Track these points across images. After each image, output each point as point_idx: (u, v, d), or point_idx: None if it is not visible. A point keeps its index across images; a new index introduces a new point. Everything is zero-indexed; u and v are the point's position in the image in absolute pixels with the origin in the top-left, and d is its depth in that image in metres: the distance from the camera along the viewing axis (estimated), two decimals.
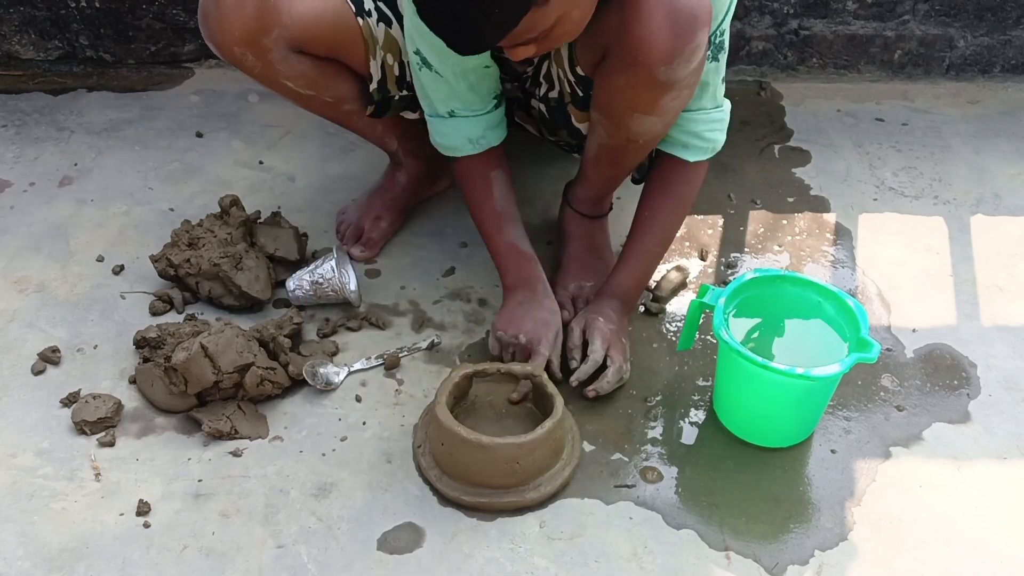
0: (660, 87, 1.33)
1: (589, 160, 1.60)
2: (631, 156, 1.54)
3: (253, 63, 1.51)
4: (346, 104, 1.65)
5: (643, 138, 1.46)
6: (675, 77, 1.31)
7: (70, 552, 1.31)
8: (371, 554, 1.32)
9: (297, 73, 1.55)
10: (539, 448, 1.35)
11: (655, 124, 1.42)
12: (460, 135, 1.56)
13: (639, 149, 1.51)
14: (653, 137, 1.47)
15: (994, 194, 1.94)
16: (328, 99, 1.62)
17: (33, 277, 1.73)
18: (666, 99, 1.36)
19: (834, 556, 1.32)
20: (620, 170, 1.60)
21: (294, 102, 1.64)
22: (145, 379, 1.50)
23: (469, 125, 1.55)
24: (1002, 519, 1.37)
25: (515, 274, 1.59)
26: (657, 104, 1.37)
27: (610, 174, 1.62)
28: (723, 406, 1.49)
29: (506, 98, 1.63)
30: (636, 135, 1.45)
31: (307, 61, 1.54)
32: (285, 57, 1.51)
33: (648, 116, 1.40)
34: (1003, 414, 1.51)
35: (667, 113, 1.40)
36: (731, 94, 1.58)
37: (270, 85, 1.58)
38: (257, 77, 1.55)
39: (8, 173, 1.98)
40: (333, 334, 1.63)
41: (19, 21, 2.21)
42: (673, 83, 1.32)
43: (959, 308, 1.69)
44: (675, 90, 1.34)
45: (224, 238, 1.65)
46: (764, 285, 1.46)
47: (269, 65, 1.51)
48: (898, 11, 2.17)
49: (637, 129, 1.43)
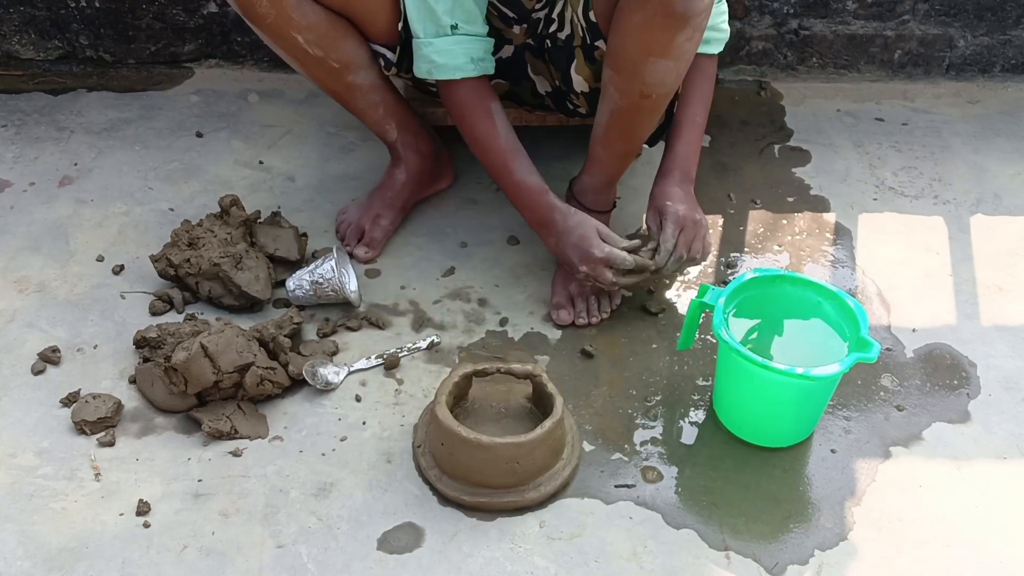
0: (676, 22, 1.34)
1: (598, 137, 1.60)
2: (644, 118, 1.54)
3: (267, 10, 1.52)
4: (350, 74, 1.65)
5: (657, 90, 1.46)
6: (692, 10, 1.32)
7: (70, 552, 1.31)
8: (371, 554, 1.32)
9: (308, 24, 1.55)
10: (539, 448, 1.35)
11: (669, 70, 1.43)
12: (465, 53, 1.56)
13: (652, 108, 1.51)
14: (666, 90, 1.48)
15: (994, 194, 1.94)
16: (334, 64, 1.63)
17: (33, 277, 1.73)
18: (680, 38, 1.36)
19: (834, 556, 1.32)
20: (632, 140, 1.60)
21: (300, 66, 1.64)
22: (145, 379, 1.50)
23: (473, 44, 1.56)
24: (1002, 519, 1.37)
25: (532, 213, 1.62)
26: (672, 44, 1.37)
27: (622, 147, 1.62)
28: (723, 406, 1.49)
29: (515, 47, 1.63)
30: (650, 86, 1.45)
31: (320, 12, 1.55)
32: (299, 4, 1.53)
33: (662, 59, 1.40)
34: (1003, 414, 1.51)
35: (680, 57, 1.41)
36: (731, 94, 1.59)
37: (279, 39, 1.58)
38: (268, 28, 1.56)
39: (8, 173, 1.98)
40: (333, 334, 1.63)
41: (19, 21, 2.21)
42: (689, 18, 1.33)
43: (959, 308, 1.69)
44: (689, 28, 1.35)
45: (224, 238, 1.65)
46: (764, 285, 1.46)
47: (283, 12, 1.52)
48: (898, 11, 2.17)
49: (651, 78, 1.43)
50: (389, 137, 1.79)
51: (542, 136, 1.90)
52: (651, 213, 1.60)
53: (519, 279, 1.74)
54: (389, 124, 1.77)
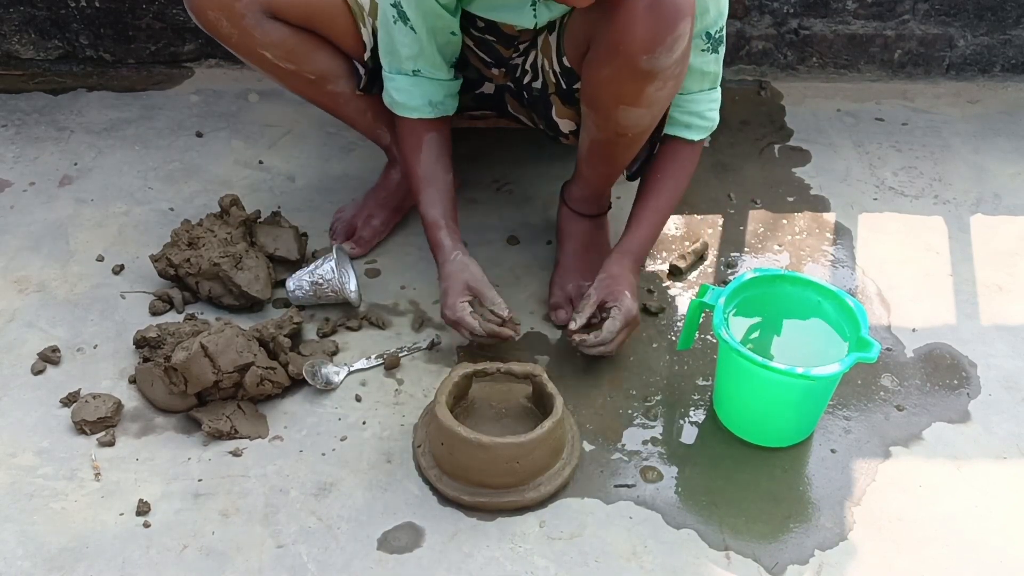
0: (643, 77, 1.33)
1: (583, 157, 1.61)
2: (623, 150, 1.54)
3: (229, 30, 1.52)
4: (329, 84, 1.65)
5: (632, 131, 1.46)
6: (658, 67, 1.32)
7: (70, 552, 1.31)
8: (371, 553, 1.32)
9: (272, 41, 1.55)
10: (539, 448, 1.35)
11: (642, 116, 1.43)
12: (423, 96, 1.57)
13: (629, 143, 1.51)
14: (642, 130, 1.48)
15: (994, 194, 1.94)
16: (310, 75, 1.62)
17: (33, 277, 1.73)
18: (650, 89, 1.36)
19: (834, 556, 1.32)
20: (613, 166, 1.60)
21: (276, 79, 1.65)
22: (145, 379, 1.50)
23: (433, 88, 1.57)
24: (1002, 519, 1.37)
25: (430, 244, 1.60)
26: (642, 95, 1.37)
27: (604, 170, 1.62)
28: (723, 406, 1.49)
29: (496, 85, 1.63)
30: (624, 128, 1.45)
31: (283, 29, 1.55)
32: (259, 23, 1.52)
33: (634, 108, 1.40)
34: (1003, 414, 1.51)
35: (653, 104, 1.40)
36: (731, 94, 1.59)
37: (247, 56, 1.58)
38: (235, 47, 1.56)
39: (8, 173, 1.98)
40: (333, 334, 1.63)
41: (19, 21, 2.21)
42: (656, 73, 1.33)
43: (959, 307, 1.69)
44: (659, 80, 1.34)
45: (224, 238, 1.65)
46: (764, 285, 1.46)
47: (244, 32, 1.52)
48: (898, 11, 2.17)
49: (625, 122, 1.44)
50: (383, 141, 1.79)
51: (544, 137, 1.90)
52: (600, 287, 1.52)
53: (519, 279, 1.74)
54: (381, 128, 1.76)
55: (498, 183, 1.95)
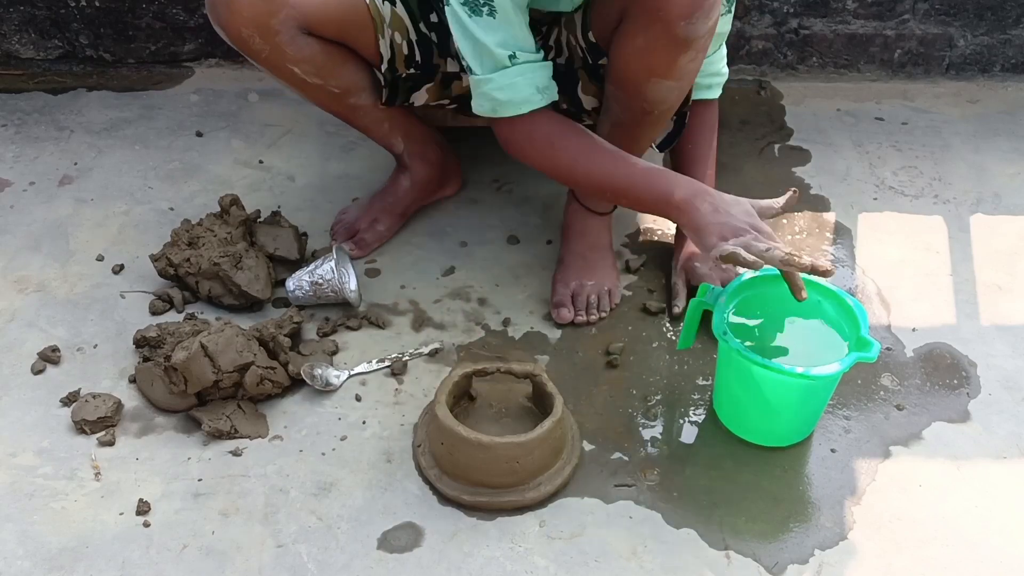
0: (679, 45, 1.34)
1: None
2: (646, 131, 1.54)
3: (260, 46, 1.50)
4: (351, 96, 1.64)
5: (659, 107, 1.46)
6: (694, 33, 1.32)
7: (70, 551, 1.31)
8: (371, 553, 1.32)
9: (304, 57, 1.54)
10: (539, 447, 1.35)
11: (671, 90, 1.43)
12: (529, 84, 1.42)
13: (654, 122, 1.51)
14: (668, 107, 1.48)
15: (994, 193, 1.94)
16: (334, 89, 1.61)
17: (33, 276, 1.73)
18: (683, 60, 1.36)
19: (834, 555, 1.32)
20: (633, 151, 1.59)
21: (299, 92, 1.63)
22: (145, 378, 1.50)
23: (536, 72, 1.42)
24: (1002, 518, 1.37)
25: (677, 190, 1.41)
26: (675, 66, 1.37)
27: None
28: (723, 405, 1.49)
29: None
30: (652, 103, 1.45)
31: (315, 44, 1.53)
32: (293, 39, 1.50)
33: (665, 80, 1.40)
34: (1003, 413, 1.51)
35: (683, 76, 1.41)
36: (731, 93, 1.59)
37: (276, 71, 1.56)
38: (263, 62, 1.54)
39: (8, 172, 1.98)
40: (333, 333, 1.63)
41: (19, 20, 2.21)
42: (692, 41, 1.33)
43: (959, 307, 1.69)
44: (692, 49, 1.35)
45: (224, 237, 1.65)
46: (764, 284, 1.46)
47: (276, 48, 1.50)
48: (898, 10, 2.17)
49: (654, 96, 1.43)
50: (396, 149, 1.78)
51: None
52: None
53: (519, 278, 1.74)
54: (395, 138, 1.75)
55: (498, 183, 1.95)
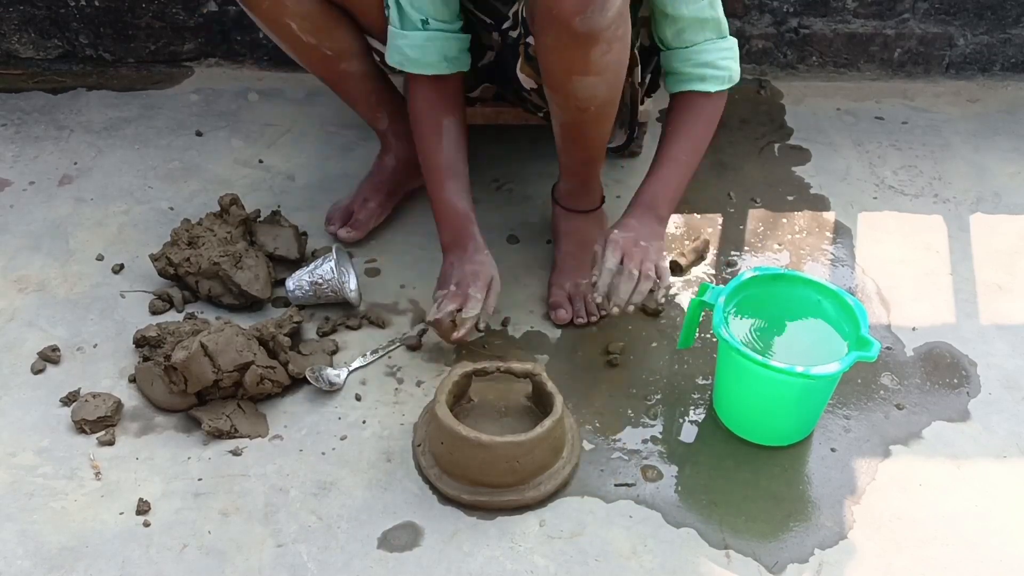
0: (584, 41, 1.31)
1: (559, 146, 1.60)
2: (591, 128, 1.53)
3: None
4: (343, 61, 1.66)
5: (592, 104, 1.44)
6: (594, 26, 1.29)
7: (70, 551, 1.31)
8: (371, 553, 1.32)
9: (304, 12, 1.56)
10: (539, 447, 1.35)
11: (596, 85, 1.41)
12: (437, 51, 1.52)
13: (595, 119, 1.49)
14: (602, 102, 1.46)
15: (994, 192, 1.94)
16: (327, 51, 1.63)
17: (33, 276, 1.73)
18: (595, 54, 1.34)
19: (834, 555, 1.32)
20: (588, 149, 1.58)
21: (292, 52, 1.65)
22: (145, 378, 1.50)
23: (447, 41, 1.53)
24: (1002, 518, 1.37)
25: (449, 234, 1.58)
26: (588, 61, 1.35)
27: (580, 155, 1.60)
28: (723, 404, 1.49)
29: (496, 53, 1.63)
30: (583, 101, 1.44)
31: (315, 1, 1.56)
32: None
33: (585, 77, 1.38)
34: (1003, 413, 1.51)
35: (604, 71, 1.38)
36: (731, 93, 1.58)
37: (272, 25, 1.59)
38: (263, 14, 1.57)
39: (8, 172, 1.98)
40: (333, 333, 1.63)
41: (19, 20, 2.21)
42: (595, 34, 1.30)
43: (959, 306, 1.69)
44: (601, 43, 1.32)
45: (224, 237, 1.65)
46: (764, 284, 1.46)
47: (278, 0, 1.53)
48: (898, 9, 2.17)
49: (581, 94, 1.42)
50: (380, 125, 1.79)
51: (543, 135, 1.90)
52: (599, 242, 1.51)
53: (519, 278, 1.74)
54: (380, 112, 1.77)
55: (498, 182, 1.95)
